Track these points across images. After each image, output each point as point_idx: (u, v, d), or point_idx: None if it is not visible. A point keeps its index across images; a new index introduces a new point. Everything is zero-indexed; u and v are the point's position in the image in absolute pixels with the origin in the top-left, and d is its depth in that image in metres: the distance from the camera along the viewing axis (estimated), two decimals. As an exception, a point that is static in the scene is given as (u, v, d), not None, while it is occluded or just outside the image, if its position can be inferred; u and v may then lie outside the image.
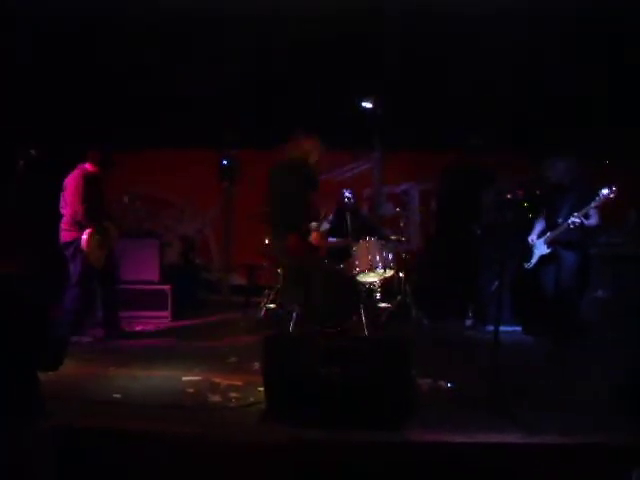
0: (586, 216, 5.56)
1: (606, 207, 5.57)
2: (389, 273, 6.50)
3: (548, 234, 5.89)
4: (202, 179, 8.81)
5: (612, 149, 7.21)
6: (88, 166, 5.85)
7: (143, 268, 7.18)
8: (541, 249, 5.95)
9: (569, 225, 5.58)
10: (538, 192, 6.02)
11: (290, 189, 5.34)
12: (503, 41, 5.79)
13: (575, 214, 5.54)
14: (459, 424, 3.50)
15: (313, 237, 5.84)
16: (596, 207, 5.53)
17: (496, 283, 6.22)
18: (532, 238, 6.03)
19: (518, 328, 6.50)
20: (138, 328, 6.58)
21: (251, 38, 6.01)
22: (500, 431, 3.39)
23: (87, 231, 5.65)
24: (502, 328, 4.22)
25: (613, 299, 6.19)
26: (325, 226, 6.75)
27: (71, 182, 5.73)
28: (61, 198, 5.79)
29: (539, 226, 6.07)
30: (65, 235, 5.73)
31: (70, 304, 5.67)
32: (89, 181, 5.76)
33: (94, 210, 5.70)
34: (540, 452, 3.18)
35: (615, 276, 6.26)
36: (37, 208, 6.52)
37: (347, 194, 7.05)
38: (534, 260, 6.02)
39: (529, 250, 6.04)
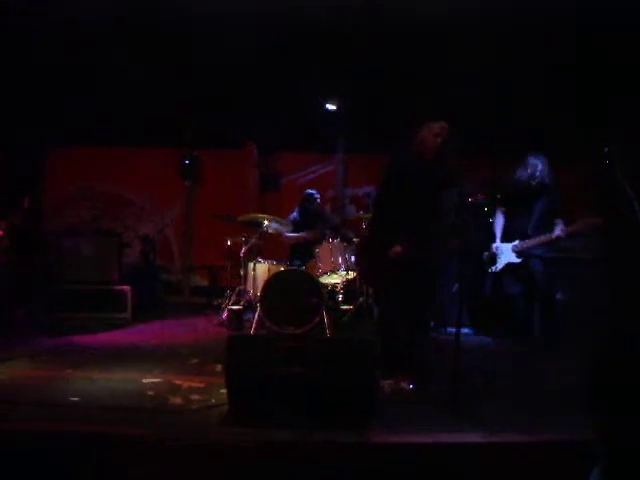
0: (550, 231, 5.56)
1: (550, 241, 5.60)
2: (351, 275, 6.53)
3: (517, 243, 5.73)
4: (163, 178, 8.71)
5: (574, 153, 7.36)
6: None
7: (102, 268, 7.06)
8: (509, 256, 5.77)
9: (539, 242, 5.60)
10: (499, 196, 6.07)
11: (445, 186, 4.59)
12: (468, 44, 5.85)
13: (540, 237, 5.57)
14: (422, 425, 3.51)
15: None
16: (541, 242, 5.58)
17: (456, 285, 6.30)
18: (497, 246, 5.86)
19: (470, 330, 6.62)
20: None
21: (216, 37, 5.95)
22: (462, 431, 3.42)
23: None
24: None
25: (571, 301, 6.33)
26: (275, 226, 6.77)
27: None
28: None
29: (499, 228, 5.94)
30: None
31: None
32: None
33: None
34: (502, 451, 3.21)
35: (573, 279, 6.40)
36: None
37: (315, 194, 7.20)
38: (500, 266, 5.84)
39: (493, 253, 5.90)
